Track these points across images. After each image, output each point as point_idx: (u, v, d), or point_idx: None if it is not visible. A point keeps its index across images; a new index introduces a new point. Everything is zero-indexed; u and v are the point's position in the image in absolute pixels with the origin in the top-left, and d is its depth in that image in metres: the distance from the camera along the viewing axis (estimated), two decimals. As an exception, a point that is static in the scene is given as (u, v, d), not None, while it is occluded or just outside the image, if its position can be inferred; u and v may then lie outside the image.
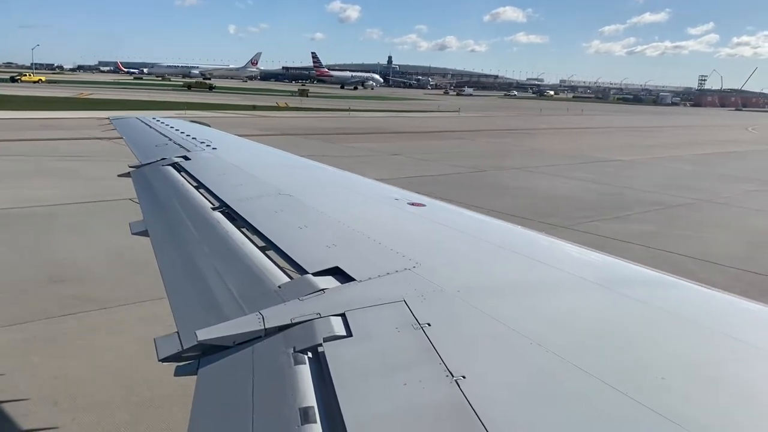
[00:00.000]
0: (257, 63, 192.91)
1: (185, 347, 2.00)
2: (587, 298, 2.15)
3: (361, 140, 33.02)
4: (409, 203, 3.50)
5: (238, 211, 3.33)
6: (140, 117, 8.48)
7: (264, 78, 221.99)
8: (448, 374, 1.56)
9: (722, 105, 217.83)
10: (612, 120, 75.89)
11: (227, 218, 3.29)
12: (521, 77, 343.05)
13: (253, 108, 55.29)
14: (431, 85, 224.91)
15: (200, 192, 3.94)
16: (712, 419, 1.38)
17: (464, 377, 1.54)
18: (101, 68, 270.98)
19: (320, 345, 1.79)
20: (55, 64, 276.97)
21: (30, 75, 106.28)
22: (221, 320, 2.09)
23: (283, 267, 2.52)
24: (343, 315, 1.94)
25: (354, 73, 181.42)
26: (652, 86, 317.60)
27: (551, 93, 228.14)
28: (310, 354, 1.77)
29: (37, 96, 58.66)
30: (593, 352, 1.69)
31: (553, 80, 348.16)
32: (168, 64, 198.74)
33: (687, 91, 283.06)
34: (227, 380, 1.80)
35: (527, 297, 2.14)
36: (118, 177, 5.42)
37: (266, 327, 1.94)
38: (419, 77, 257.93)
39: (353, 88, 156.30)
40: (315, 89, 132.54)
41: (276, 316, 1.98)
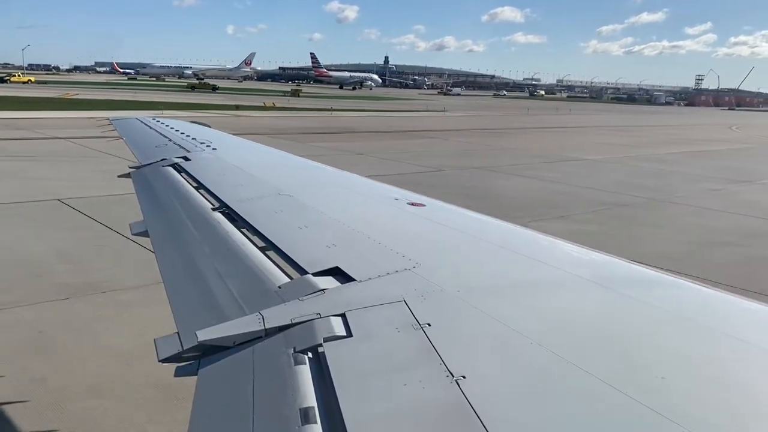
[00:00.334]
0: (251, 63, 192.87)
1: (185, 348, 2.00)
2: (587, 298, 2.15)
3: (330, 140, 32.56)
4: (409, 203, 3.50)
5: (238, 212, 3.33)
6: (140, 118, 8.47)
7: (261, 78, 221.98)
8: (449, 374, 1.56)
9: (716, 104, 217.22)
10: (598, 119, 75.28)
11: (227, 219, 3.29)
12: (518, 77, 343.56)
13: (236, 108, 54.82)
14: (427, 85, 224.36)
15: (200, 192, 3.94)
16: (713, 419, 1.38)
17: (464, 377, 1.54)
18: (98, 69, 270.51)
19: (320, 345, 1.79)
20: (52, 65, 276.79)
21: (19, 75, 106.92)
22: (221, 321, 2.09)
23: (283, 267, 2.52)
24: (343, 315, 1.94)
25: (353, 74, 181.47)
26: (649, 86, 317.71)
27: (542, 93, 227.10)
28: (311, 354, 1.77)
29: (20, 96, 58.21)
30: (593, 352, 1.69)
31: (550, 80, 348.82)
32: (161, 65, 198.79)
33: (684, 91, 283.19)
34: (227, 381, 1.80)
35: (527, 297, 2.14)
36: (118, 177, 5.41)
37: (266, 327, 1.94)
38: (415, 77, 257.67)
39: (352, 89, 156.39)
40: (311, 89, 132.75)
41: (276, 317, 1.99)
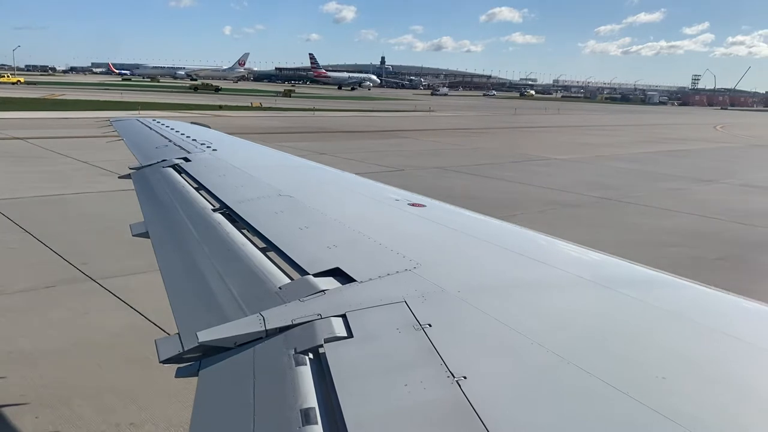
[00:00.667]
0: (245, 63, 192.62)
1: (186, 348, 2.01)
2: (588, 298, 2.15)
3: (298, 139, 32.18)
4: (409, 204, 3.50)
5: (239, 213, 3.33)
6: (140, 118, 8.49)
7: (257, 79, 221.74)
8: (449, 375, 1.56)
9: (710, 104, 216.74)
10: (585, 119, 74.68)
11: (228, 219, 3.29)
12: (514, 77, 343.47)
13: (220, 108, 54.67)
14: (423, 86, 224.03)
15: (201, 193, 3.95)
16: (713, 419, 1.39)
17: (465, 378, 1.54)
18: (94, 70, 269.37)
19: (321, 346, 1.79)
20: (49, 66, 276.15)
21: (8, 76, 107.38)
22: (222, 321, 2.10)
23: (284, 268, 2.52)
24: (344, 316, 1.95)
25: (351, 75, 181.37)
26: (645, 86, 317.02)
27: (532, 93, 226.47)
28: (311, 355, 1.78)
29: (1, 97, 57.62)
30: (594, 352, 1.70)
31: (547, 80, 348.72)
32: (154, 65, 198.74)
33: (681, 91, 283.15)
34: (228, 381, 1.81)
35: (528, 297, 2.14)
36: (119, 179, 5.41)
37: (267, 328, 1.94)
38: (412, 78, 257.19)
39: (350, 89, 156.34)
40: (308, 90, 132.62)
41: (277, 317, 1.99)
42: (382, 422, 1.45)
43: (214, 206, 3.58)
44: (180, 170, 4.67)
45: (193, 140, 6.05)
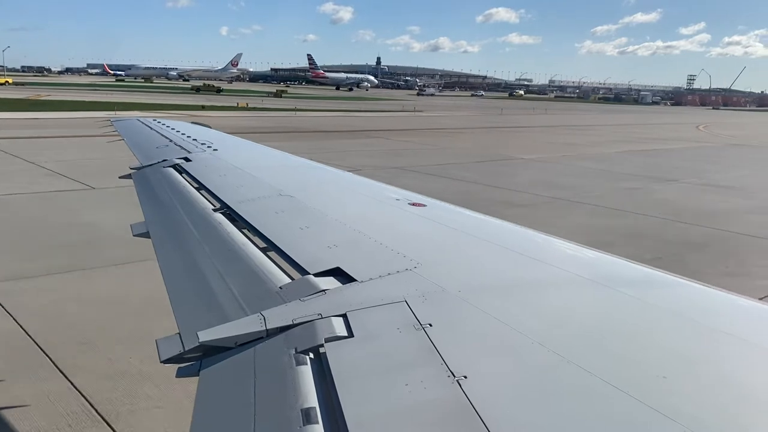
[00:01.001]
0: (237, 64, 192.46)
1: (187, 348, 2.00)
2: (588, 297, 2.16)
3: (269, 139, 31.11)
4: (410, 203, 3.51)
5: (240, 213, 3.33)
6: (140, 118, 8.48)
7: (253, 79, 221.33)
8: (450, 375, 1.56)
9: (702, 104, 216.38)
10: (571, 119, 73.84)
11: (228, 219, 3.29)
12: (510, 77, 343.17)
13: (202, 108, 54.39)
14: (419, 86, 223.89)
15: (201, 193, 3.95)
16: (713, 418, 1.39)
17: (466, 377, 1.54)
18: (89, 71, 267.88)
19: (322, 345, 1.79)
20: (44, 67, 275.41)
21: None
22: (223, 321, 2.10)
23: (285, 268, 2.52)
24: (345, 315, 1.95)
25: (349, 75, 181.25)
26: (640, 86, 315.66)
27: (521, 93, 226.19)
28: (312, 355, 1.78)
29: None
30: (595, 352, 1.70)
31: (543, 81, 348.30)
32: (146, 66, 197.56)
33: (676, 91, 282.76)
34: (229, 381, 1.81)
35: (528, 296, 2.15)
36: (119, 179, 5.41)
37: (268, 328, 1.94)
38: (407, 78, 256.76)
39: (348, 89, 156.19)
40: (303, 90, 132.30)
41: (277, 317, 1.99)
42: (383, 422, 1.45)
43: (215, 206, 3.58)
44: (180, 170, 4.67)
45: (194, 140, 6.06)
